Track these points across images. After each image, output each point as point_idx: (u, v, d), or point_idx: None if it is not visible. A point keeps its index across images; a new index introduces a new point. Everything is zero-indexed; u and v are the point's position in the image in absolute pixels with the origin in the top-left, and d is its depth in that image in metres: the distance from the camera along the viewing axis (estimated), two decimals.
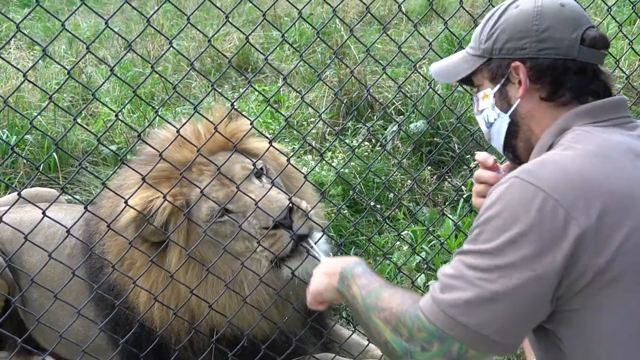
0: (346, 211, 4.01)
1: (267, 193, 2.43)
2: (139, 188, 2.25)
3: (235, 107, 2.39)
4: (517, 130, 1.89)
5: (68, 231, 2.07)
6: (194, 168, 2.51)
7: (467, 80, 2.01)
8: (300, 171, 2.89)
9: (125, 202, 2.20)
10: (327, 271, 1.99)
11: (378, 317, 1.72)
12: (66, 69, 2.00)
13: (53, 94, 1.97)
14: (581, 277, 1.50)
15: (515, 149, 1.93)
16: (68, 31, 2.01)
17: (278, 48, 6.36)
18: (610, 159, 1.59)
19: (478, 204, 2.10)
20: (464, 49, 2.03)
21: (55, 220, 2.19)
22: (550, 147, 1.75)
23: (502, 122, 1.91)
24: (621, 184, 1.54)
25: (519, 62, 1.81)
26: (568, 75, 1.79)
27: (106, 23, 1.94)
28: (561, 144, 1.70)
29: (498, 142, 1.97)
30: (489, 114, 1.95)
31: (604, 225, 1.49)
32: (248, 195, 2.42)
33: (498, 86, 1.89)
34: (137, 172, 2.23)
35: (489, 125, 1.97)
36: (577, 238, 1.48)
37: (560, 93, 1.79)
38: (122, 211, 2.34)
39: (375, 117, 4.86)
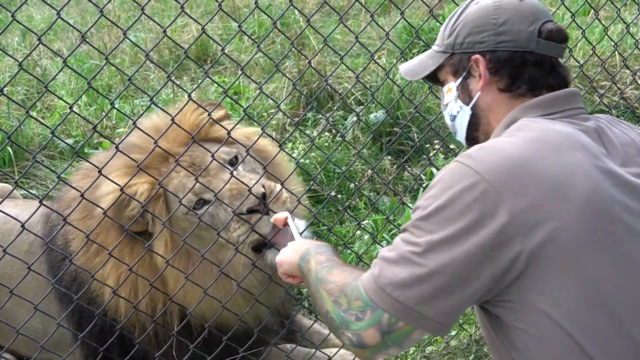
0: (307, 202, 4.01)
1: (238, 180, 2.43)
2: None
3: (194, 98, 2.37)
4: (478, 123, 1.95)
5: (23, 225, 2.04)
6: (170, 160, 2.49)
7: (434, 78, 2.07)
8: (291, 157, 2.89)
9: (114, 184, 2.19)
10: (296, 247, 2.05)
11: (324, 289, 1.78)
12: (18, 60, 1.97)
13: (4, 87, 1.94)
14: (515, 260, 1.52)
15: (477, 142, 1.95)
16: (19, 22, 1.98)
17: (238, 39, 6.32)
18: (549, 144, 1.62)
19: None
20: (429, 46, 2.08)
21: (10, 216, 2.15)
22: None
23: (464, 115, 1.97)
24: (556, 169, 1.56)
25: (478, 55, 1.87)
26: (526, 67, 1.83)
27: (58, 14, 1.91)
28: (505, 133, 1.75)
29: (461, 134, 2.03)
30: (452, 107, 2.01)
31: (537, 208, 1.52)
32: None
33: (460, 79, 1.94)
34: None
35: (453, 118, 2.03)
36: (507, 220, 1.50)
37: (517, 84, 1.84)
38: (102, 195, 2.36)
39: (335, 108, 4.87)
